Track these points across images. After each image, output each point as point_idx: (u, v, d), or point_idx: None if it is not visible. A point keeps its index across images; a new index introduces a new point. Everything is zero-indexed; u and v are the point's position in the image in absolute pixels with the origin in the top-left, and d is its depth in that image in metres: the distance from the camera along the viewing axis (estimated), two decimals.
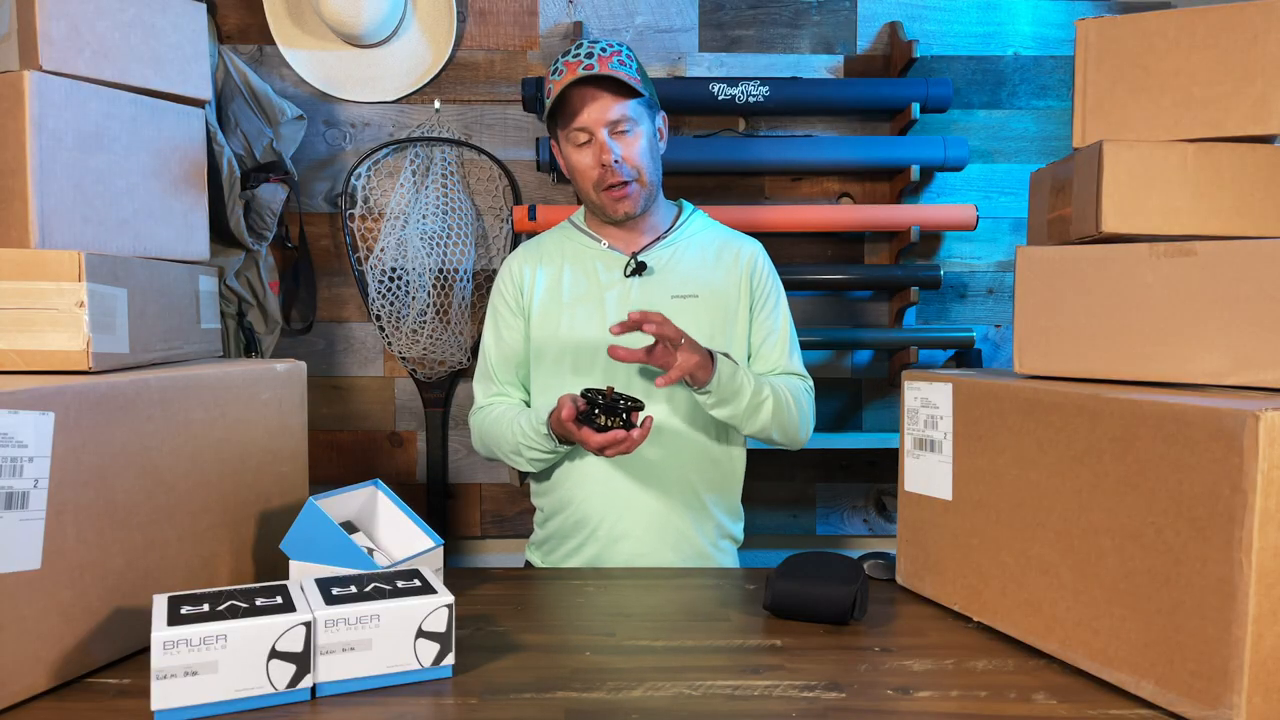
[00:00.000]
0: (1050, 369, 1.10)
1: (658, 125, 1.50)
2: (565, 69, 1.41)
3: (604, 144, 1.42)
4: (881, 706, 0.91)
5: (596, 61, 1.39)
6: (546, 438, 1.38)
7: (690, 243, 1.54)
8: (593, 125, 1.41)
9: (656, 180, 1.49)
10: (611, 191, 1.44)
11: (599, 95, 1.40)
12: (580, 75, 1.38)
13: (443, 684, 0.95)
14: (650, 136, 1.47)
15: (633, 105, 1.42)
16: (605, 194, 1.45)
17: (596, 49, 1.41)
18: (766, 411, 1.42)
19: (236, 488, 1.18)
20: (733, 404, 1.39)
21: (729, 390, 1.37)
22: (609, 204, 1.46)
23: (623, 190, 1.44)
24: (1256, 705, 0.81)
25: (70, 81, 1.19)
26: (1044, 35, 2.23)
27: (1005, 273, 2.26)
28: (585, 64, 1.39)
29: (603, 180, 1.44)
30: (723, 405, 1.38)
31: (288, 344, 2.21)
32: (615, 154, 1.42)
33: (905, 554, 1.26)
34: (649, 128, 1.46)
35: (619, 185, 1.44)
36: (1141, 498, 0.90)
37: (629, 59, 1.43)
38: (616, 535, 1.47)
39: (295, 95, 2.17)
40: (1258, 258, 0.95)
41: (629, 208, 1.46)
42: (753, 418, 1.41)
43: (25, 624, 0.90)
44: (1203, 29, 1.06)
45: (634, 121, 1.43)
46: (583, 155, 1.45)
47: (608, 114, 1.41)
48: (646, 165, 1.45)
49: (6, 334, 1.06)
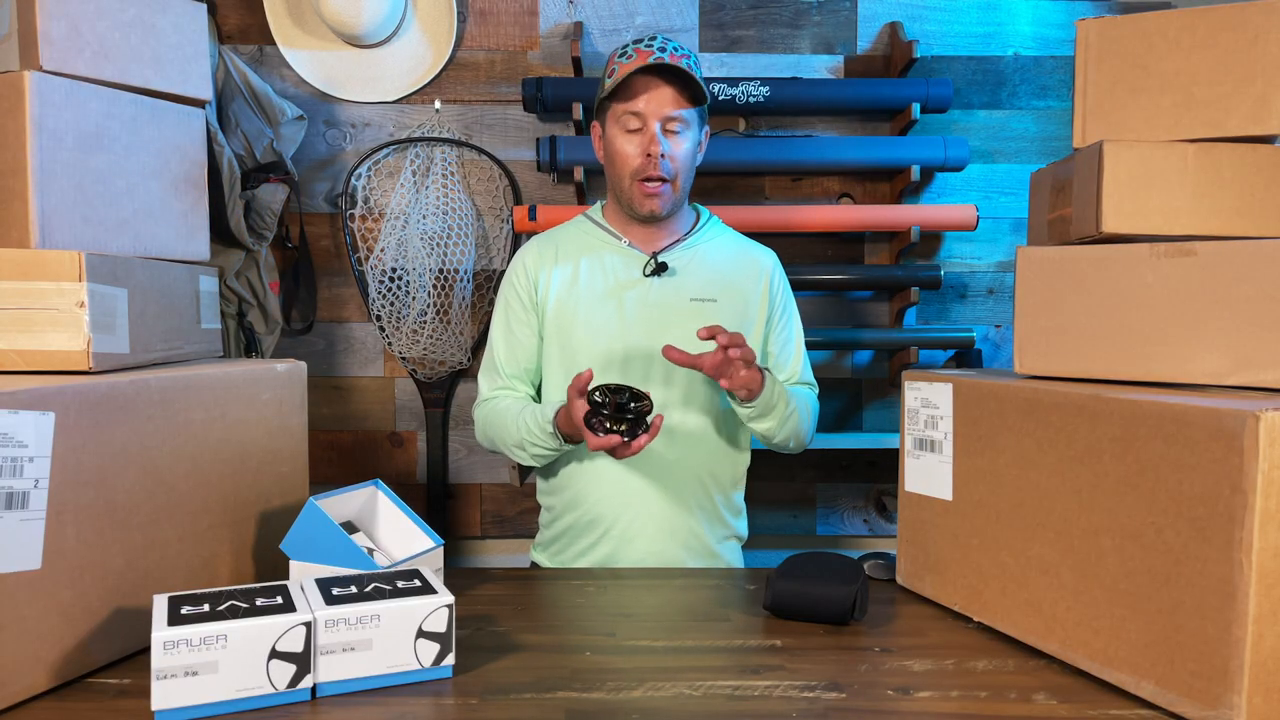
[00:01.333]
0: (1050, 369, 1.10)
1: (701, 137, 1.51)
2: (635, 54, 1.42)
3: (654, 135, 1.42)
4: (882, 707, 0.91)
5: (669, 56, 1.41)
6: (552, 435, 1.38)
7: (710, 247, 1.55)
8: (649, 114, 1.42)
9: (687, 187, 1.50)
10: (646, 185, 1.44)
11: (663, 88, 1.41)
12: (652, 63, 1.39)
13: (443, 684, 0.95)
14: (695, 144, 1.48)
15: (691, 110, 1.44)
16: (639, 185, 1.45)
17: (670, 45, 1.43)
18: (793, 424, 1.46)
19: (237, 488, 1.18)
20: (770, 417, 1.42)
21: (768, 405, 1.40)
22: (639, 196, 1.46)
23: (657, 187, 1.44)
24: (1256, 705, 0.81)
25: (70, 81, 1.19)
26: (1044, 35, 2.23)
27: (1005, 273, 2.26)
28: (658, 55, 1.41)
29: (642, 170, 1.44)
30: (763, 418, 1.42)
31: (288, 344, 2.21)
32: (664, 148, 1.42)
33: (905, 554, 1.26)
34: (696, 135, 1.48)
35: (655, 180, 1.44)
36: (1142, 498, 0.90)
37: (697, 67, 1.45)
38: (631, 535, 1.47)
39: (295, 95, 2.17)
40: (1258, 258, 0.95)
41: (656, 206, 1.46)
42: (782, 430, 1.45)
43: (25, 624, 0.90)
44: (1203, 29, 1.06)
45: (687, 124, 1.44)
46: (629, 141, 1.44)
47: (666, 108, 1.42)
48: (685, 169, 1.46)
49: (7, 334, 1.06)
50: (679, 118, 1.43)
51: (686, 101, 1.43)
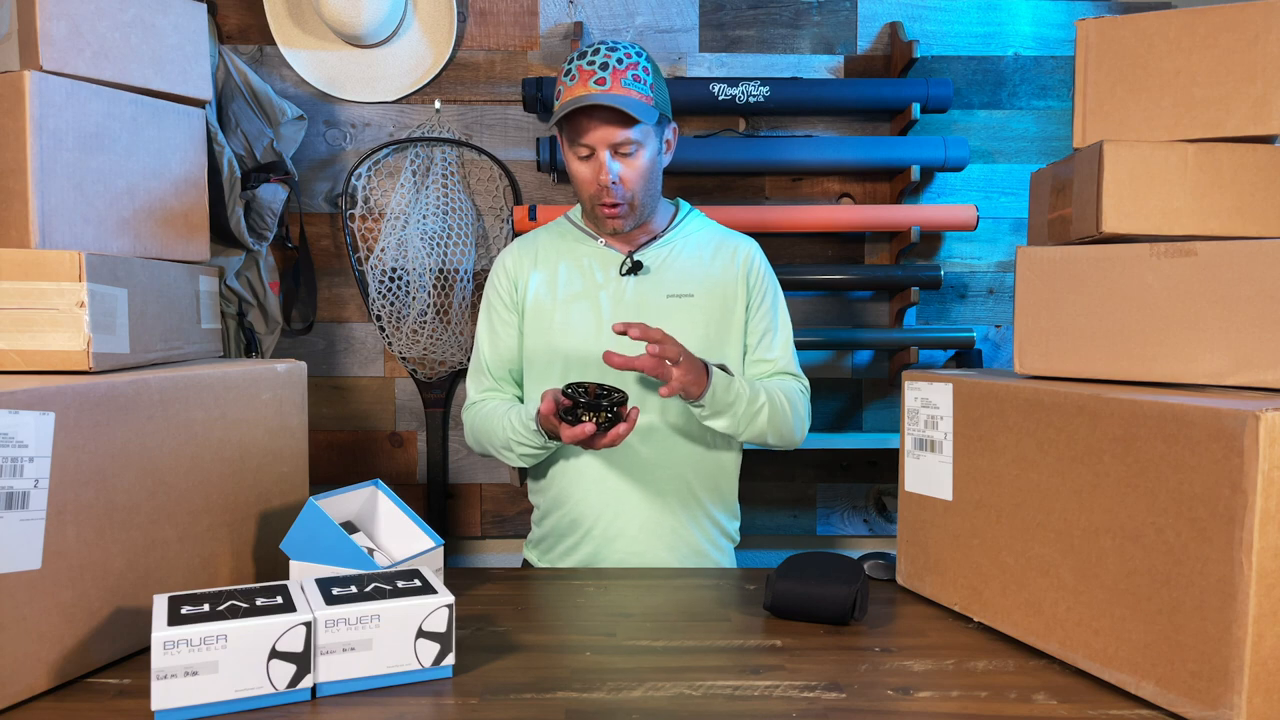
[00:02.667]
0: (1050, 369, 1.10)
1: (665, 138, 1.49)
2: (578, 76, 1.40)
3: (604, 164, 1.41)
4: (882, 707, 0.91)
5: (610, 76, 1.38)
6: (535, 433, 1.38)
7: (686, 242, 1.54)
8: (596, 144, 1.41)
9: (653, 197, 1.49)
10: (604, 208, 1.46)
11: (608, 118, 1.39)
12: (590, 99, 1.36)
13: (443, 684, 0.95)
14: (654, 154, 1.46)
15: (638, 129, 1.41)
16: (598, 208, 1.46)
17: (613, 59, 1.39)
18: (763, 419, 1.42)
19: (237, 488, 1.18)
20: (727, 415, 1.39)
21: (723, 403, 1.37)
22: (601, 218, 1.48)
23: (614, 210, 1.45)
24: (1257, 705, 0.81)
25: (71, 82, 1.19)
26: (1044, 35, 2.23)
27: (1005, 273, 2.26)
28: (598, 77, 1.38)
29: (597, 196, 1.45)
30: (717, 417, 1.39)
31: (288, 344, 2.21)
32: (613, 175, 1.41)
33: (905, 554, 1.26)
34: (655, 144, 1.45)
35: (612, 205, 1.45)
36: (1142, 498, 0.90)
37: (644, 73, 1.41)
38: (612, 534, 1.47)
39: (295, 95, 2.17)
40: (1258, 258, 0.95)
41: (618, 225, 1.48)
42: (749, 426, 1.42)
43: (25, 624, 0.90)
44: (1203, 29, 1.06)
45: (638, 143, 1.42)
46: (583, 168, 1.45)
47: (613, 137, 1.40)
48: (641, 188, 1.45)
49: (7, 334, 1.06)
50: (626, 140, 1.40)
51: (634, 121, 1.39)
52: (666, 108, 1.47)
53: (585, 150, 1.43)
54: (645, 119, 1.38)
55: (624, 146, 1.41)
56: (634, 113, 1.36)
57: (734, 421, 1.40)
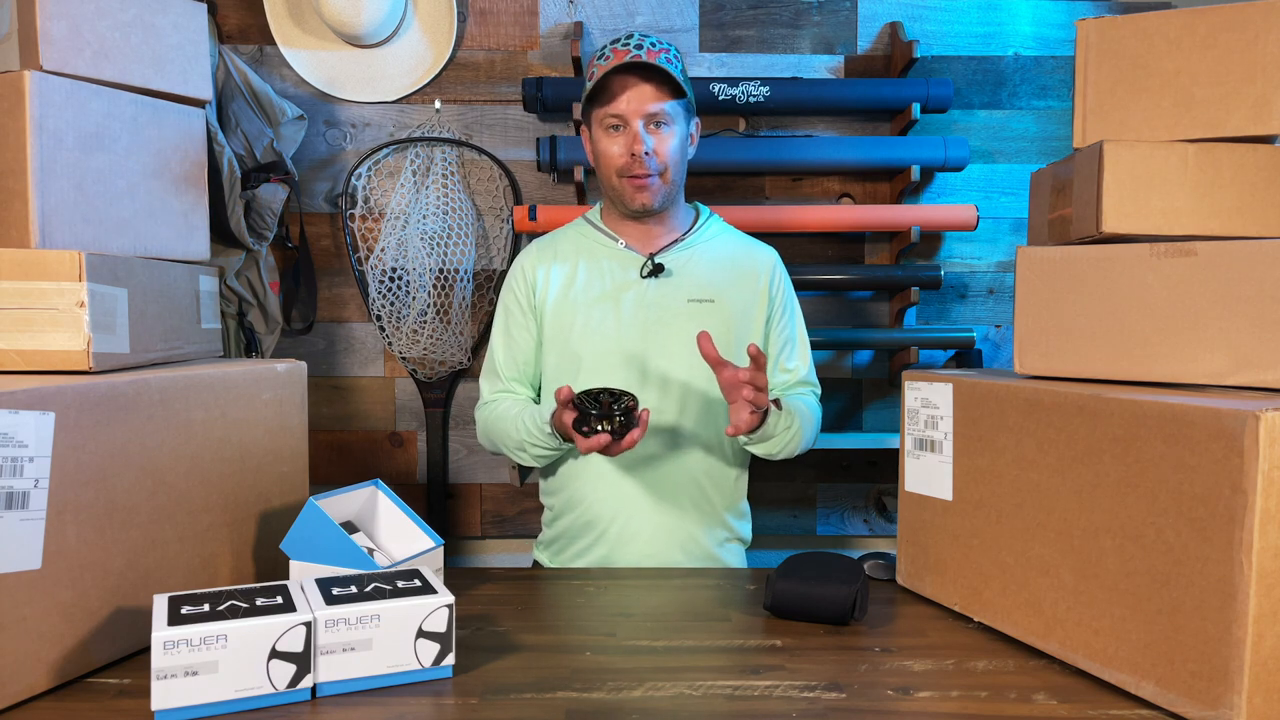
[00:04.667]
0: (1050, 369, 1.10)
1: (691, 130, 1.50)
2: (612, 54, 1.41)
3: (637, 133, 1.41)
4: (882, 707, 0.91)
5: (645, 53, 1.40)
6: (550, 435, 1.38)
7: (708, 247, 1.54)
8: (629, 114, 1.41)
9: (680, 180, 1.49)
10: (633, 180, 1.44)
11: (641, 85, 1.40)
12: (627, 61, 1.38)
13: (443, 684, 0.95)
14: (683, 137, 1.46)
15: (673, 103, 1.42)
16: (627, 181, 1.44)
17: (647, 42, 1.42)
18: (795, 443, 1.46)
19: (237, 488, 1.18)
20: (766, 445, 1.43)
21: (768, 435, 1.40)
22: (628, 191, 1.45)
23: (644, 181, 1.43)
24: (1257, 705, 0.81)
25: (71, 81, 1.19)
26: (1044, 35, 2.23)
27: (1006, 273, 2.26)
28: (634, 53, 1.39)
29: (628, 168, 1.43)
30: (758, 444, 1.43)
31: (288, 344, 2.20)
32: (648, 145, 1.41)
33: (905, 554, 1.26)
34: (683, 129, 1.46)
35: (642, 176, 1.43)
36: (1142, 498, 0.90)
37: (676, 59, 1.43)
38: (626, 536, 1.47)
39: (295, 95, 2.17)
40: (1258, 258, 0.95)
41: (646, 199, 1.45)
42: (782, 451, 1.46)
43: (25, 624, 0.90)
44: (1203, 29, 1.06)
45: (671, 119, 1.42)
46: (612, 141, 1.43)
47: (647, 105, 1.40)
48: (674, 163, 1.45)
49: (7, 334, 1.06)
50: (661, 113, 1.41)
51: (667, 95, 1.41)
52: (693, 101, 1.48)
53: (617, 121, 1.42)
54: (683, 90, 1.41)
55: (658, 117, 1.41)
56: (676, 76, 1.38)
57: (771, 450, 1.45)
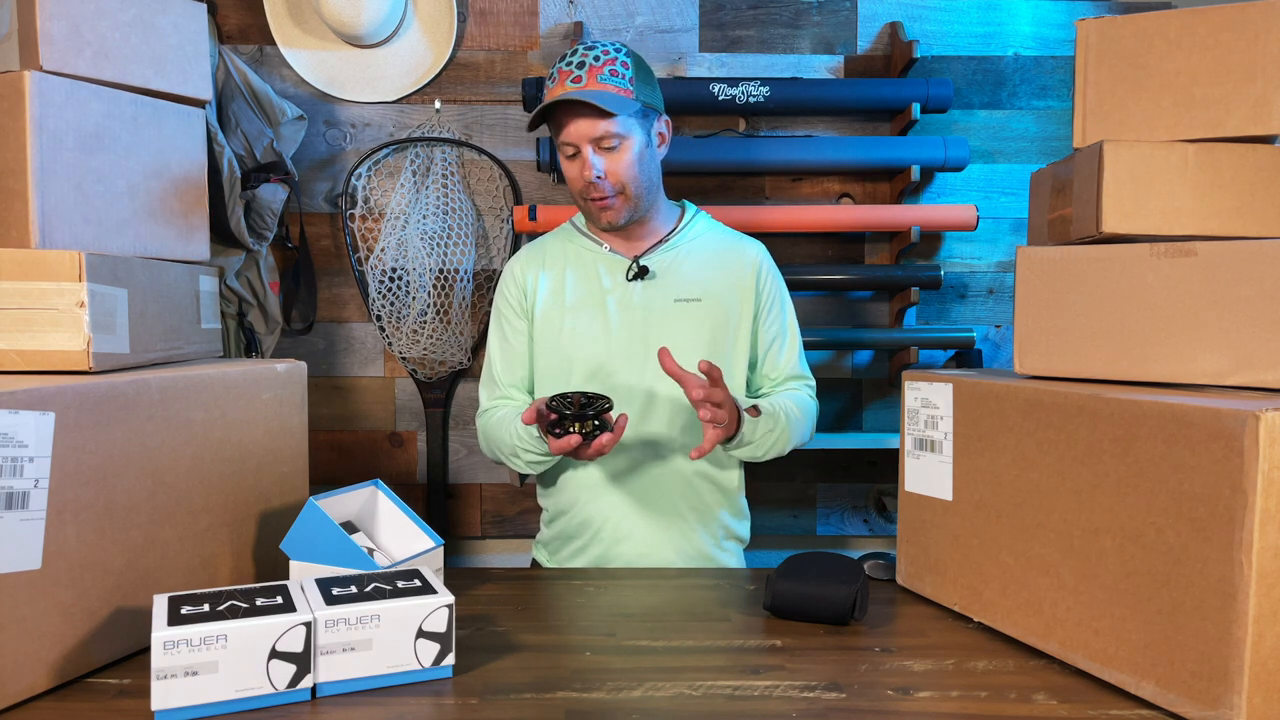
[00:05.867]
0: (1050, 369, 1.10)
1: (656, 130, 1.48)
2: (557, 78, 1.41)
3: (587, 160, 1.41)
4: (881, 707, 0.91)
5: (586, 74, 1.39)
6: (539, 440, 1.38)
7: (693, 246, 1.53)
8: (578, 141, 1.41)
9: (648, 189, 1.47)
10: (594, 202, 1.45)
11: (582, 114, 1.39)
12: (564, 96, 1.37)
13: (443, 684, 0.95)
14: (643, 145, 1.44)
15: (620, 120, 1.39)
16: (589, 204, 1.46)
17: (590, 58, 1.40)
18: (782, 442, 1.45)
19: (237, 488, 1.18)
20: (748, 450, 1.43)
21: (746, 443, 1.40)
22: (593, 212, 1.47)
23: (604, 202, 1.44)
24: (1256, 705, 0.81)
25: (71, 82, 1.19)
26: (1044, 35, 2.23)
27: (1005, 273, 2.26)
28: (574, 76, 1.39)
29: (584, 192, 1.45)
30: (739, 449, 1.42)
31: (288, 344, 2.20)
32: (597, 170, 1.41)
33: (905, 554, 1.26)
34: (641, 136, 1.43)
35: (600, 198, 1.44)
36: (1142, 498, 0.90)
37: (623, 68, 1.41)
38: (620, 537, 1.47)
39: (295, 95, 2.17)
40: (1258, 258, 0.95)
41: (611, 218, 1.46)
42: (768, 453, 1.45)
43: (25, 624, 0.90)
44: (1203, 29, 1.06)
45: (620, 136, 1.40)
46: (570, 166, 1.45)
47: (592, 131, 1.39)
48: (632, 178, 1.43)
49: (7, 334, 1.06)
50: (607, 134, 1.39)
51: (612, 115, 1.39)
52: (654, 100, 1.46)
53: (570, 149, 1.43)
54: (620, 111, 1.38)
55: (605, 140, 1.40)
56: (606, 106, 1.36)
57: (754, 454, 1.44)
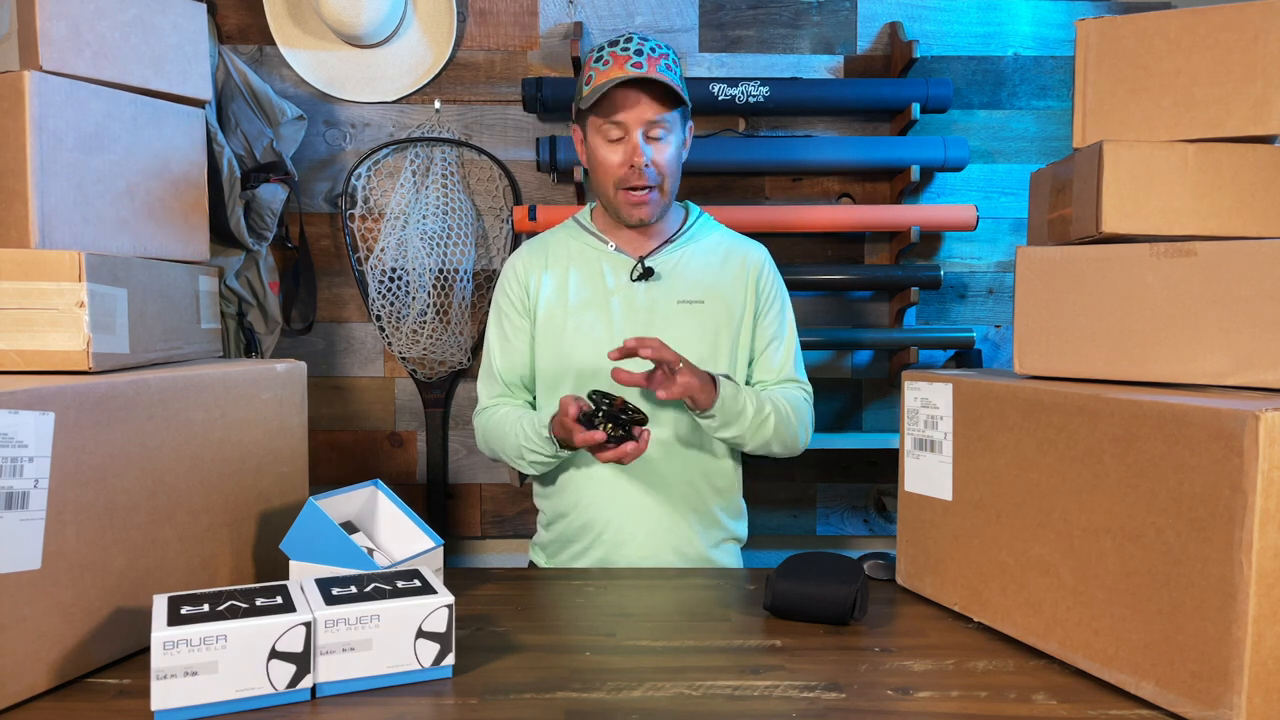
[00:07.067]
0: (1050, 369, 1.10)
1: (685, 136, 1.49)
2: (611, 60, 1.39)
3: (637, 145, 1.40)
4: (881, 706, 0.91)
5: (646, 61, 1.38)
6: (548, 441, 1.37)
7: (697, 247, 1.53)
8: (630, 124, 1.40)
9: (675, 190, 1.48)
10: (631, 194, 1.43)
11: (643, 97, 1.39)
12: (629, 75, 1.37)
13: (443, 684, 0.95)
14: (680, 144, 1.46)
15: (672, 113, 1.41)
16: (624, 194, 1.44)
17: (646, 47, 1.40)
18: (769, 428, 1.43)
19: (236, 488, 1.18)
20: (736, 425, 1.40)
21: (732, 412, 1.37)
22: (625, 206, 1.45)
23: (643, 195, 1.43)
24: (1256, 705, 0.81)
25: (70, 82, 1.19)
26: (1044, 35, 2.23)
27: (1005, 273, 2.26)
28: (634, 61, 1.38)
29: (626, 180, 1.42)
30: (726, 427, 1.39)
31: (288, 344, 2.20)
32: (647, 157, 1.40)
33: (905, 554, 1.26)
34: (680, 135, 1.46)
35: (641, 189, 1.42)
36: (1142, 498, 0.90)
37: (675, 65, 1.43)
38: (621, 539, 1.47)
39: (295, 95, 2.17)
40: (1258, 258, 0.95)
41: (644, 214, 1.45)
42: (755, 435, 1.43)
43: (25, 624, 0.90)
44: (1203, 29, 1.06)
45: (669, 129, 1.42)
46: (612, 151, 1.43)
47: (647, 115, 1.39)
48: (672, 173, 1.44)
49: (7, 334, 1.06)
50: (661, 123, 1.40)
51: (667, 105, 1.40)
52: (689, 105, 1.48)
53: (617, 131, 1.41)
54: (682, 100, 1.40)
55: (658, 128, 1.40)
56: (676, 86, 1.37)
57: (741, 431, 1.41)
